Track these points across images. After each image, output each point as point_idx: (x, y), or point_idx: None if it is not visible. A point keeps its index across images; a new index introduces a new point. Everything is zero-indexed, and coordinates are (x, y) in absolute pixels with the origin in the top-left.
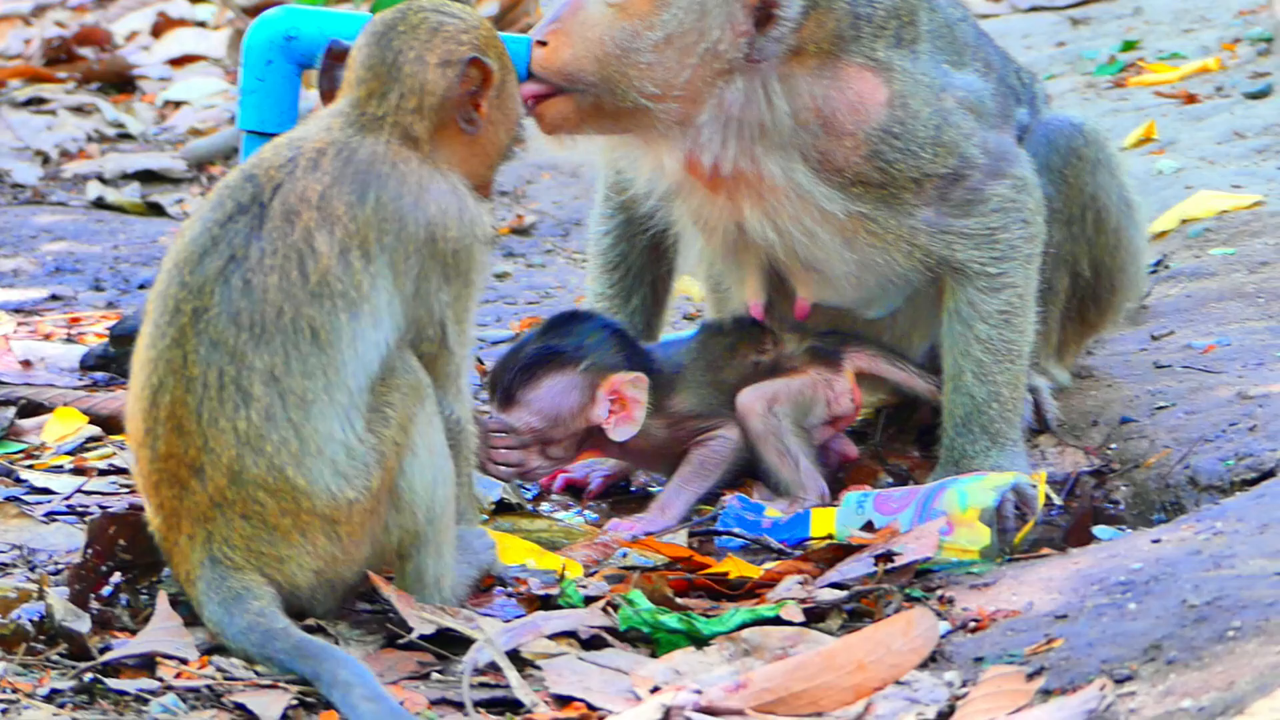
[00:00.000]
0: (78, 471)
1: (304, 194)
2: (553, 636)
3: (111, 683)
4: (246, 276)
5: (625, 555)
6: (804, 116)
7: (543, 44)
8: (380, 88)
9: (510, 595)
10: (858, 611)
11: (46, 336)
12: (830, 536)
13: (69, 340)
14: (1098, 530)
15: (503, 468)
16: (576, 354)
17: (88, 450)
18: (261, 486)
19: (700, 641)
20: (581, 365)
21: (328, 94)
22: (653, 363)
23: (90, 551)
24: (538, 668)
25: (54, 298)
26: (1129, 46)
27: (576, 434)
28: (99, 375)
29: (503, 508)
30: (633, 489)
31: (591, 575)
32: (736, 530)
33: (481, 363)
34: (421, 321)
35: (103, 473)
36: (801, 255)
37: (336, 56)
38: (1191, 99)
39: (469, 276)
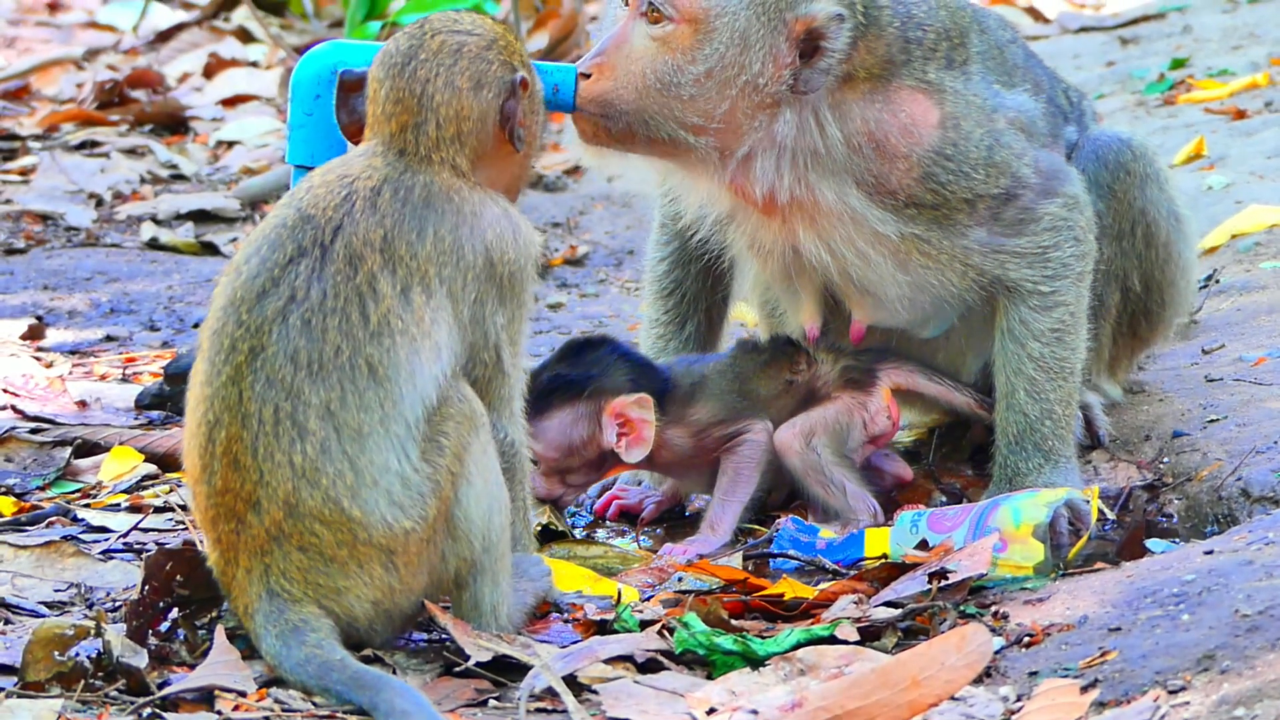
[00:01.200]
0: (134, 509)
1: (367, 237)
2: (609, 661)
3: (170, 717)
4: (306, 317)
5: (681, 579)
6: (856, 141)
7: (586, 76)
8: (413, 120)
9: (566, 621)
10: (912, 629)
11: (102, 377)
12: (884, 556)
13: (124, 380)
14: (1151, 544)
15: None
16: (582, 382)
17: (144, 488)
18: (318, 519)
19: (755, 662)
20: (586, 392)
21: (349, 127)
22: (667, 379)
23: (147, 587)
24: (594, 692)
25: (109, 338)
26: (1178, 64)
27: (591, 460)
28: (154, 414)
29: (557, 535)
30: (686, 514)
31: (647, 600)
32: (791, 552)
33: None
34: (477, 346)
35: (159, 510)
36: (856, 278)
37: (350, 87)
38: (1241, 115)
39: (521, 298)
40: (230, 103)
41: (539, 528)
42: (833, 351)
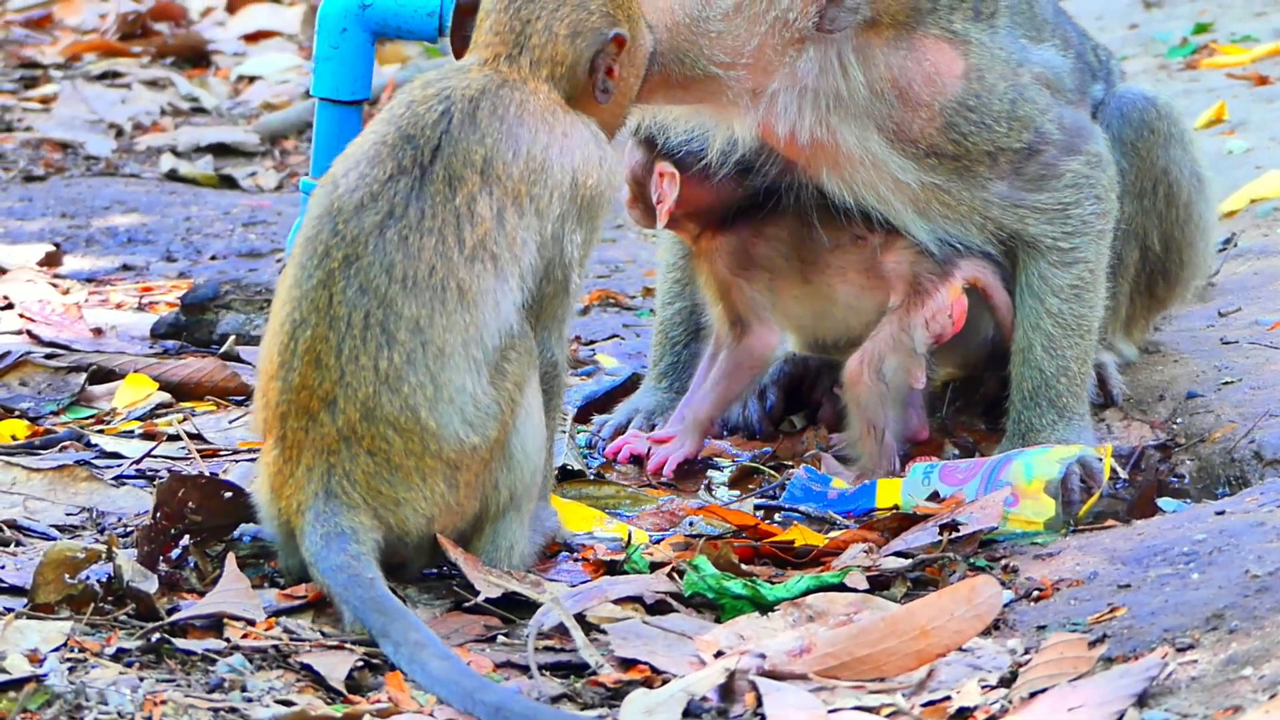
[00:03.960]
0: (147, 437)
1: (468, 157)
2: (618, 601)
3: (179, 643)
4: (403, 233)
5: (691, 524)
6: (879, 87)
7: None
8: (510, 52)
9: (576, 561)
10: (922, 580)
11: (118, 305)
12: (896, 507)
13: (140, 309)
14: (1162, 503)
15: None
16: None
17: (158, 416)
18: (392, 425)
19: (765, 607)
20: (656, 147)
21: (459, 51)
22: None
23: (159, 513)
24: (603, 631)
25: (125, 268)
26: (1201, 29)
27: (646, 202)
28: (170, 344)
29: (570, 474)
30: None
31: (657, 543)
32: (802, 507)
33: None
34: (553, 264)
35: (172, 438)
36: (877, 222)
37: (465, 10)
38: (1263, 81)
39: (595, 222)
40: (253, 38)
41: (556, 470)
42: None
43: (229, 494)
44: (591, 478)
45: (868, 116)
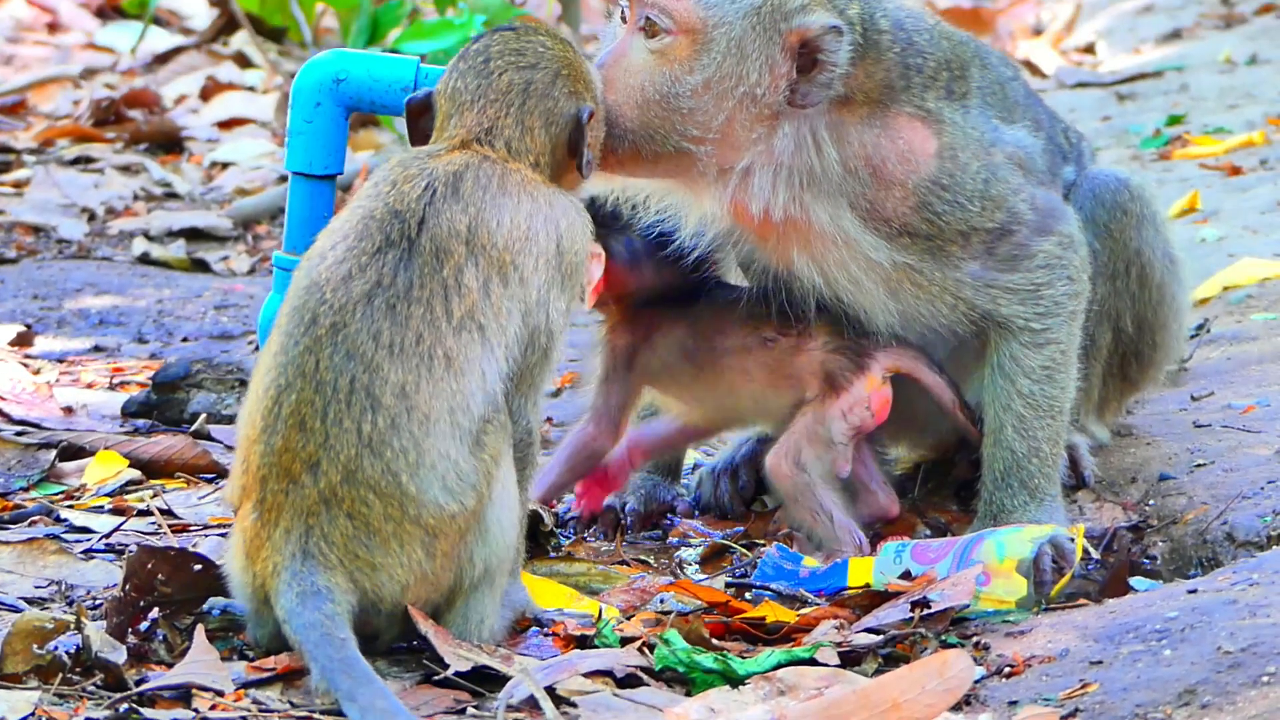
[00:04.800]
0: (117, 512)
1: (452, 228)
2: (588, 674)
3: (147, 713)
4: (391, 301)
5: (663, 601)
6: (853, 164)
7: None
8: (482, 138)
9: (546, 636)
10: (893, 656)
11: (89, 385)
12: (868, 586)
13: (111, 389)
14: (1135, 582)
15: None
16: (603, 221)
17: (128, 492)
18: (373, 488)
19: (735, 681)
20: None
21: (416, 145)
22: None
23: (129, 585)
24: (573, 705)
25: (97, 349)
26: (1174, 121)
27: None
28: (141, 422)
29: (540, 552)
30: (669, 528)
31: (628, 620)
32: (774, 585)
33: None
34: (537, 331)
35: (142, 513)
36: (847, 302)
37: (417, 113)
38: (1236, 171)
39: (575, 290)
40: (226, 125)
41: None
42: (831, 327)
43: (199, 567)
44: (562, 555)
45: (841, 194)
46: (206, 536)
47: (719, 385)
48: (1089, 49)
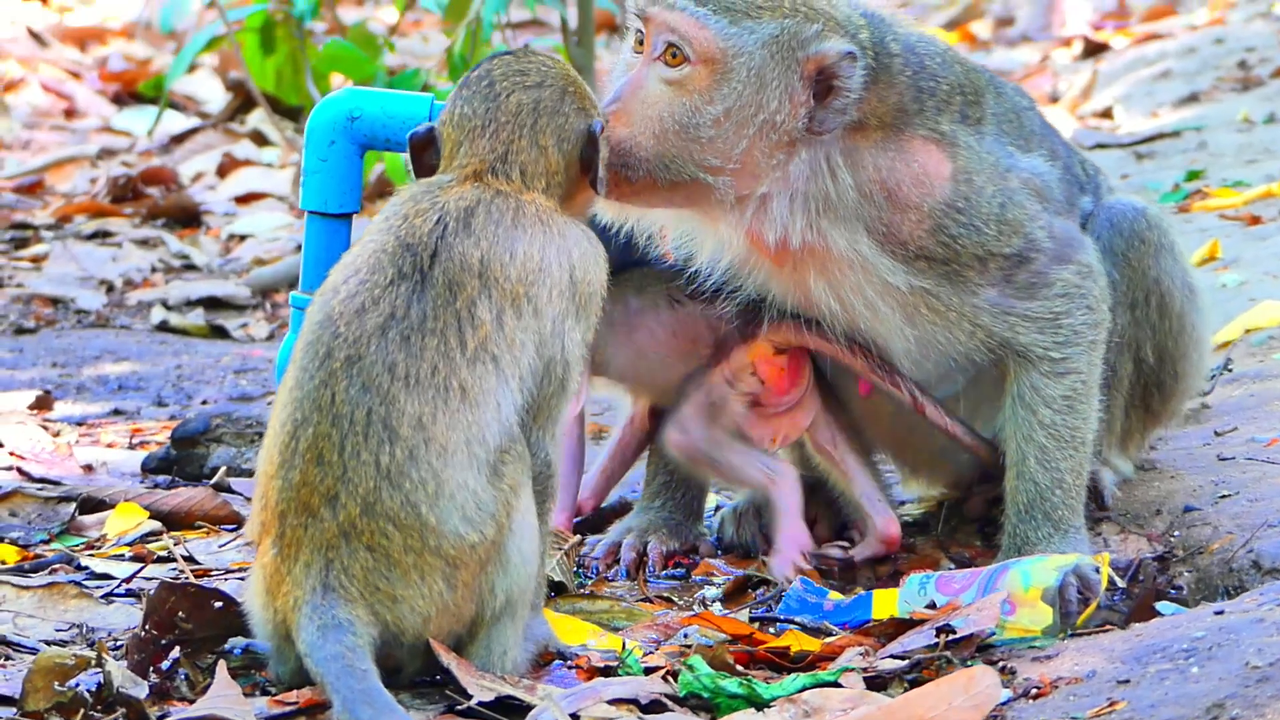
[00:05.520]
0: (137, 559)
1: (465, 262)
2: (612, 702)
3: None
4: (405, 334)
5: (686, 635)
6: (868, 189)
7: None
8: (495, 167)
9: (569, 668)
10: (918, 681)
11: (108, 445)
12: (892, 618)
13: (131, 448)
14: (1161, 606)
15: None
16: None
17: (148, 542)
18: (392, 520)
19: (760, 705)
20: None
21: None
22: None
23: (149, 623)
24: None
25: (116, 412)
26: (1193, 176)
27: None
28: (161, 478)
29: (563, 589)
30: (692, 568)
31: (651, 654)
32: (798, 619)
33: None
34: (552, 362)
35: (162, 560)
36: (864, 329)
37: (420, 147)
38: (1256, 220)
39: (591, 320)
40: (244, 200)
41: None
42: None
43: (219, 604)
44: (585, 593)
45: (857, 219)
46: (226, 580)
47: (629, 346)
48: (1106, 114)
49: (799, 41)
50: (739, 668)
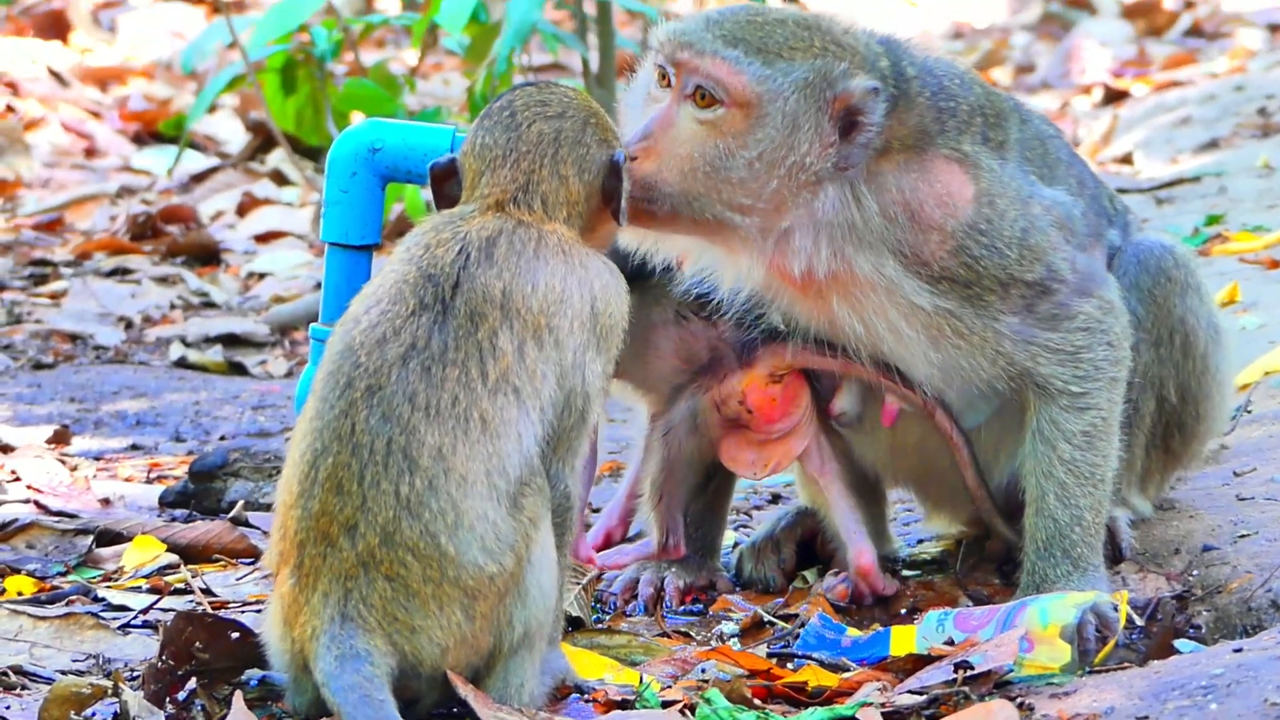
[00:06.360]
0: (154, 591)
1: (487, 292)
2: None
3: None
4: (426, 364)
5: (704, 670)
6: (892, 211)
7: (632, 158)
8: (517, 197)
9: (586, 702)
10: (936, 717)
11: (126, 479)
12: (910, 655)
13: (148, 482)
14: (1179, 644)
15: None
16: None
17: (165, 575)
18: (411, 550)
19: None
20: None
21: (442, 208)
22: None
23: (166, 653)
24: None
25: (134, 447)
26: (1213, 220)
27: None
28: (178, 512)
29: (581, 624)
30: (701, 602)
31: (669, 689)
32: (815, 655)
33: None
34: (573, 394)
35: (179, 591)
36: (887, 353)
37: (442, 178)
38: (1275, 264)
39: (612, 353)
40: (263, 238)
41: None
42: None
43: (236, 635)
44: (603, 628)
45: (882, 242)
46: (243, 612)
47: (642, 354)
48: (1126, 159)
49: (827, 81)
50: (757, 702)
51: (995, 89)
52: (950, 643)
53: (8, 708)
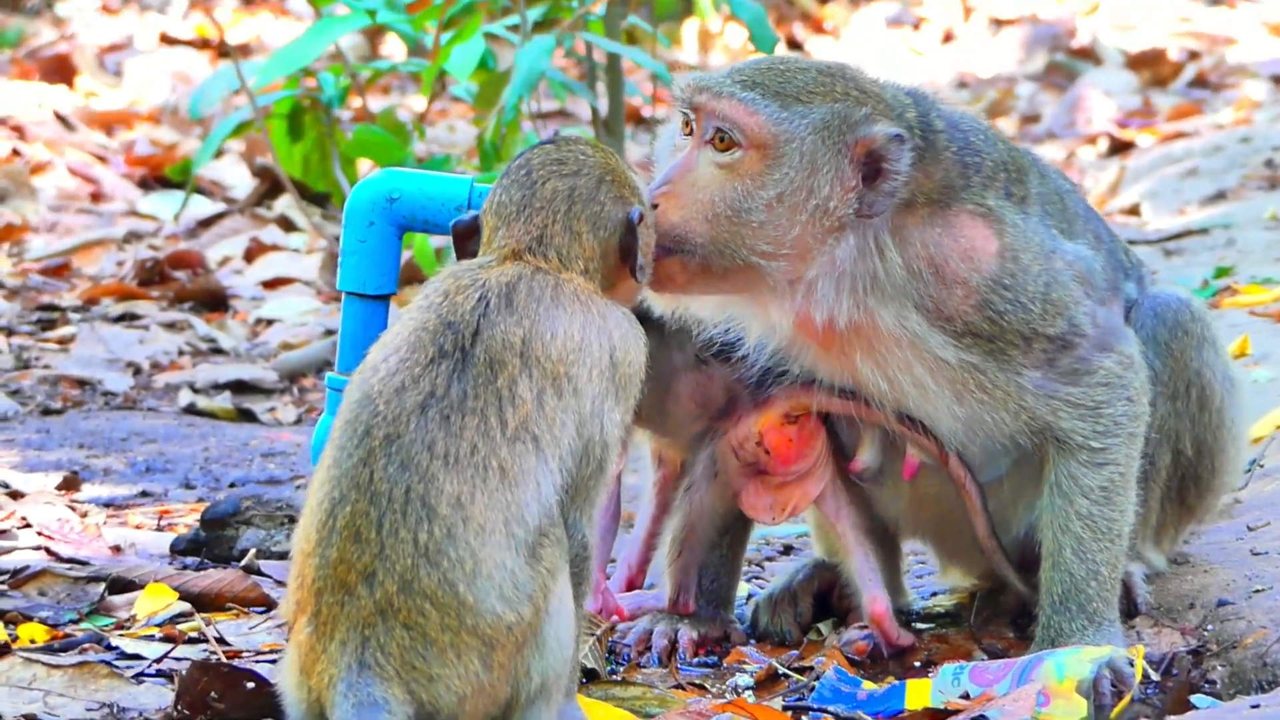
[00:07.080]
0: (168, 640)
1: (506, 340)
2: None
3: None
4: (445, 412)
5: None
6: (916, 266)
7: (654, 206)
8: (539, 249)
9: None
10: None
11: (137, 526)
12: (926, 709)
13: (159, 530)
14: (1196, 699)
15: None
16: None
17: (178, 622)
18: (430, 598)
19: None
20: None
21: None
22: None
23: (181, 702)
24: None
25: (144, 494)
26: (1222, 273)
27: None
28: (190, 560)
29: (596, 676)
30: (716, 654)
31: None
32: (831, 708)
33: None
34: (591, 442)
35: (193, 640)
36: (912, 408)
37: (464, 235)
38: None
39: (630, 403)
40: (271, 285)
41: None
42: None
43: (252, 684)
44: (618, 680)
45: (905, 296)
46: (257, 662)
47: (661, 400)
48: (1134, 210)
49: (848, 125)
50: None
51: (1015, 144)
52: (966, 696)
53: None
